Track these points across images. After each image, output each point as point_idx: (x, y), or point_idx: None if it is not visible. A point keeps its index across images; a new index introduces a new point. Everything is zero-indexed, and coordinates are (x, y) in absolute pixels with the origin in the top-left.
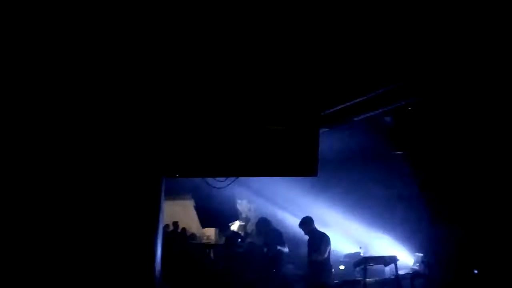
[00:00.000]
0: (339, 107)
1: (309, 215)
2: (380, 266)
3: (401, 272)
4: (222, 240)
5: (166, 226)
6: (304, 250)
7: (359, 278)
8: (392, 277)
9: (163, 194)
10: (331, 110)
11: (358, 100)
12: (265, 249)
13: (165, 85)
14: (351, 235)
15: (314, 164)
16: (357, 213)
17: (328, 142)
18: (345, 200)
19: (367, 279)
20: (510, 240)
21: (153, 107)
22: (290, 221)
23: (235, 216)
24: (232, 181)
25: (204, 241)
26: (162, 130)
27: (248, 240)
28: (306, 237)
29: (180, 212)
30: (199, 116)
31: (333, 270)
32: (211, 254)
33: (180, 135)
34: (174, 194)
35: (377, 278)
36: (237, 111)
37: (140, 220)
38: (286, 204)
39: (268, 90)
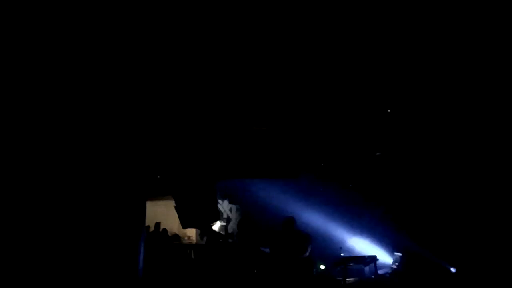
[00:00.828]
0: None
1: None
2: (360, 266)
3: (380, 271)
4: (203, 241)
5: (148, 227)
6: None
7: (339, 278)
8: (372, 276)
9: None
10: None
11: None
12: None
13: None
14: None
15: (296, 168)
16: (337, 216)
17: None
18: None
19: (347, 279)
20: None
21: (144, 112)
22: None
23: (216, 217)
24: None
25: (185, 241)
26: (150, 134)
27: (229, 240)
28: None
29: (161, 213)
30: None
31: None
32: (192, 255)
33: (167, 136)
34: (156, 194)
35: (356, 278)
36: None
37: (126, 221)
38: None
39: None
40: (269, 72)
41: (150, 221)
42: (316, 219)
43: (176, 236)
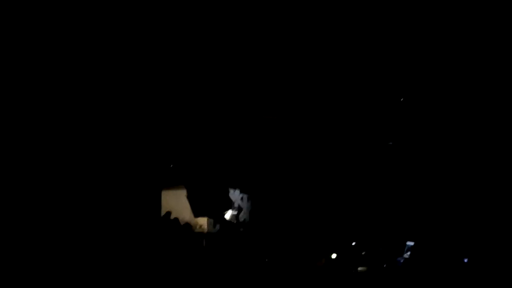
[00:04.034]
0: None
1: None
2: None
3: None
4: (215, 229)
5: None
6: None
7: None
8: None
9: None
10: None
11: None
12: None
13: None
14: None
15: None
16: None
17: None
18: None
19: (359, 268)
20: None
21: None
22: None
23: (228, 206)
24: None
25: (197, 230)
26: (163, 125)
27: (241, 229)
28: None
29: (172, 202)
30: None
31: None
32: (204, 243)
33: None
34: (167, 183)
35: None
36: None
37: (141, 211)
38: None
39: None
40: (283, 61)
41: (163, 211)
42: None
43: (188, 225)
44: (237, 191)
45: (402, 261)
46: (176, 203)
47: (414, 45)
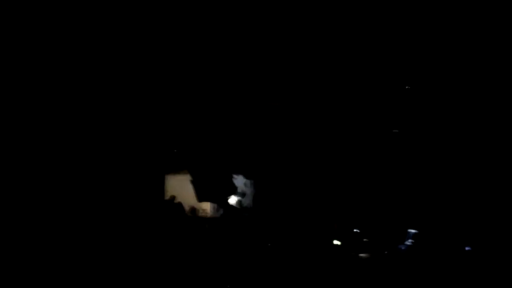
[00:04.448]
0: None
1: None
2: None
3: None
4: (218, 214)
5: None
6: None
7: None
8: (385, 252)
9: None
10: None
11: None
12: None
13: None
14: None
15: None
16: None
17: None
18: None
19: (361, 254)
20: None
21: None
22: None
23: (232, 191)
24: None
25: (200, 214)
26: (167, 111)
27: (245, 214)
28: None
29: (177, 186)
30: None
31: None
32: (207, 227)
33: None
34: (172, 168)
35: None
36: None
37: (145, 195)
38: None
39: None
40: (287, 47)
41: (167, 195)
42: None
43: (193, 210)
44: (241, 177)
45: (404, 248)
46: (180, 187)
47: (415, 41)
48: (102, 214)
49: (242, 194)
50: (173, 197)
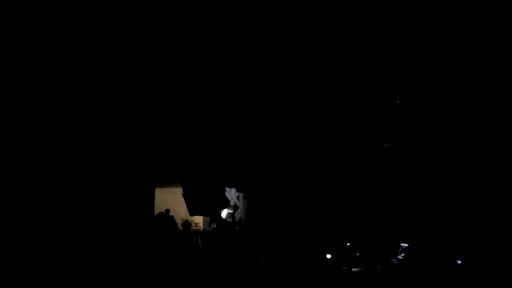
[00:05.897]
0: None
1: None
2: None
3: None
4: (211, 228)
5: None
6: None
7: (345, 268)
8: (378, 266)
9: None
10: None
11: None
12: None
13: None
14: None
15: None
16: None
17: None
18: None
19: (353, 268)
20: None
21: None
22: None
23: (224, 204)
24: None
25: (193, 228)
26: (159, 124)
27: (236, 228)
28: None
29: (169, 200)
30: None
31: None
32: (199, 242)
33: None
34: (164, 181)
35: (362, 267)
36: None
37: (135, 208)
38: None
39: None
40: (280, 62)
41: (158, 208)
42: (322, 208)
43: (186, 223)
44: (233, 190)
45: (396, 262)
46: (172, 200)
47: (412, 45)
48: (89, 228)
49: (235, 208)
50: (167, 211)
